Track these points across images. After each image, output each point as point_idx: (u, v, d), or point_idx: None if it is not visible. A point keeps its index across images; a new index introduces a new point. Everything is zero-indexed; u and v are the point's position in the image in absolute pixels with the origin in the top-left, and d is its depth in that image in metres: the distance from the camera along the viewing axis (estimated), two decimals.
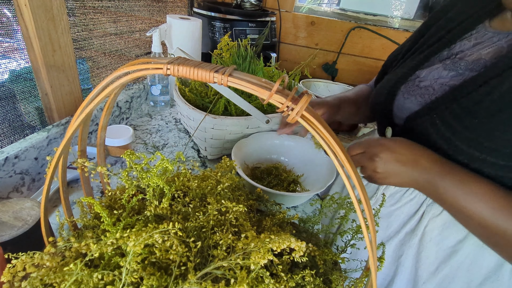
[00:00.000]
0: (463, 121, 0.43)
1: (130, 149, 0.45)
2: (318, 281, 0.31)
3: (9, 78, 0.58)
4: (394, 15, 1.39)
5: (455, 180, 0.42)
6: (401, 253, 0.58)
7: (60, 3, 0.57)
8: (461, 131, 0.43)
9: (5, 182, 0.52)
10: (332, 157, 0.22)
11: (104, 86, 0.26)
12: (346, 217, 0.42)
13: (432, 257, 0.54)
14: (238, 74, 0.22)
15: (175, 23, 0.92)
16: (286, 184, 0.66)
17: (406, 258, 0.57)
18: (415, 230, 0.55)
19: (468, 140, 0.42)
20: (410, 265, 0.57)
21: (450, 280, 0.53)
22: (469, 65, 0.47)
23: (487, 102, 0.41)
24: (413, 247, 0.56)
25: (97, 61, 0.80)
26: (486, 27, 0.48)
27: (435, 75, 0.51)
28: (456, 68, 0.48)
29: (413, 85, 0.53)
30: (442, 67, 0.50)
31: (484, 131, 0.41)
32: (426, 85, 0.51)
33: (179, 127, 0.88)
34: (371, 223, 0.24)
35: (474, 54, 0.47)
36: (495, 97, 0.40)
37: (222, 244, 0.28)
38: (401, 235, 0.57)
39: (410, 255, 0.56)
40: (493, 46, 0.45)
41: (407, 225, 0.56)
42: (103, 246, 0.25)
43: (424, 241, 0.54)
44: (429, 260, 0.54)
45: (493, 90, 0.40)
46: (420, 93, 0.51)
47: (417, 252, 0.56)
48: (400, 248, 0.58)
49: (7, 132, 0.59)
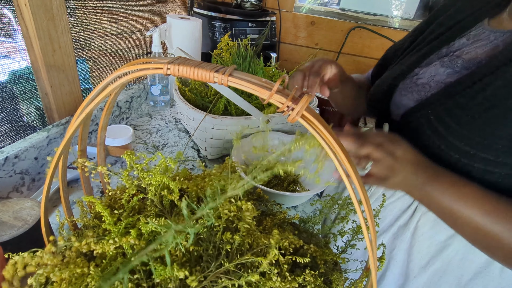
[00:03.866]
0: (456, 117, 0.43)
1: (130, 149, 0.45)
2: (319, 281, 0.31)
3: (10, 78, 0.58)
4: (394, 15, 1.39)
5: (446, 184, 0.42)
6: (394, 246, 0.58)
7: (60, 3, 0.57)
8: (454, 127, 0.43)
9: (5, 182, 0.52)
10: (332, 157, 0.22)
11: (104, 86, 0.26)
12: (346, 217, 0.42)
13: (424, 251, 0.55)
14: (238, 74, 0.22)
15: (175, 23, 0.92)
16: (286, 184, 0.66)
17: (398, 252, 0.58)
18: (407, 224, 0.56)
19: (461, 136, 0.43)
20: (402, 259, 0.58)
21: (441, 274, 0.53)
22: (465, 63, 0.47)
23: (480, 98, 0.41)
24: (405, 241, 0.57)
25: (97, 61, 0.80)
26: (485, 25, 0.48)
27: (432, 72, 0.51)
28: (453, 65, 0.49)
29: (411, 82, 0.54)
30: (439, 64, 0.51)
31: (476, 127, 0.41)
32: (423, 82, 0.52)
33: (179, 127, 0.88)
34: (371, 223, 0.24)
35: (471, 53, 0.47)
36: (488, 93, 0.40)
37: (235, 240, 0.28)
38: (394, 228, 0.58)
39: (402, 249, 0.57)
40: (489, 44, 0.46)
41: (400, 219, 0.57)
42: (122, 241, 0.25)
43: (416, 235, 0.55)
44: (420, 254, 0.55)
45: (487, 87, 0.41)
46: (417, 90, 0.52)
47: (409, 246, 0.56)
48: (393, 242, 0.59)
49: (9, 132, 0.59)
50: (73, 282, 0.25)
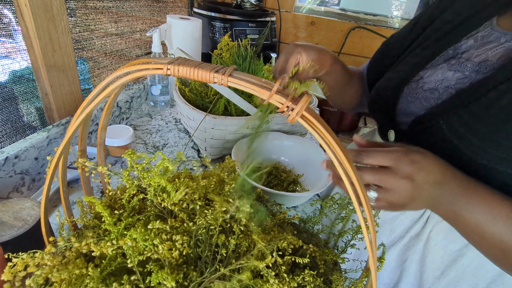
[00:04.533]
0: (471, 128, 0.40)
1: (130, 149, 0.45)
2: (319, 281, 0.31)
3: (10, 78, 0.58)
4: (394, 15, 1.39)
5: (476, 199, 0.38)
6: (406, 258, 0.57)
7: (60, 3, 0.57)
8: (469, 138, 0.40)
9: (5, 182, 0.52)
10: (332, 157, 0.22)
11: (104, 86, 0.26)
12: (346, 217, 0.42)
13: (438, 261, 0.53)
14: (238, 74, 0.22)
15: (175, 23, 0.92)
16: (286, 184, 0.66)
17: (411, 263, 0.56)
18: (420, 234, 0.54)
19: (476, 148, 0.40)
20: (415, 270, 0.56)
21: (455, 284, 0.52)
22: (475, 67, 0.44)
23: (495, 109, 0.38)
24: (417, 252, 0.55)
25: (97, 61, 0.80)
26: (493, 25, 0.45)
27: (439, 76, 0.48)
28: (462, 69, 0.45)
29: (417, 87, 0.51)
30: (447, 67, 0.48)
31: (493, 139, 0.39)
32: (431, 87, 0.48)
33: (179, 127, 0.88)
34: (371, 223, 0.24)
35: (481, 55, 0.44)
36: (504, 103, 0.38)
37: (230, 243, 0.28)
38: (406, 240, 0.56)
39: (415, 260, 0.55)
40: (501, 47, 0.43)
41: (411, 230, 0.55)
42: (120, 243, 0.25)
43: (429, 245, 0.53)
44: (434, 264, 0.53)
45: (502, 96, 0.38)
46: (424, 97, 0.49)
47: (422, 257, 0.55)
48: (405, 253, 0.57)
49: (9, 132, 0.59)
50: (73, 283, 0.25)
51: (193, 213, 0.33)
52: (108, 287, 0.25)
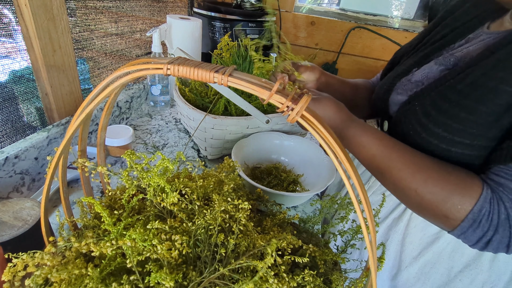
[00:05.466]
0: (438, 106, 0.45)
1: (130, 149, 0.45)
2: (319, 281, 0.31)
3: (10, 78, 0.58)
4: (394, 15, 1.39)
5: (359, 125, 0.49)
6: (388, 237, 0.60)
7: (60, 3, 0.57)
8: (435, 115, 0.45)
9: (5, 182, 0.52)
10: (332, 157, 0.22)
11: (104, 86, 0.26)
12: (346, 217, 0.42)
13: (416, 242, 0.56)
14: (238, 74, 0.22)
15: (175, 23, 0.92)
16: (286, 184, 0.66)
17: (392, 242, 0.60)
18: (401, 216, 0.58)
19: (440, 123, 0.45)
20: (395, 249, 0.59)
21: (432, 266, 0.55)
22: (457, 60, 0.49)
23: (460, 87, 0.43)
24: (398, 232, 0.59)
25: (97, 61, 0.80)
26: (484, 29, 0.50)
27: (426, 69, 0.53)
28: (446, 63, 0.50)
29: (406, 80, 0.56)
30: (433, 62, 0.53)
31: (454, 113, 0.43)
32: (417, 79, 0.54)
33: (179, 127, 0.88)
34: (371, 223, 0.24)
35: (464, 51, 0.49)
36: (468, 81, 0.42)
37: (229, 243, 0.28)
38: (389, 220, 0.60)
39: (396, 240, 0.59)
40: (481, 43, 0.47)
41: (395, 211, 0.59)
42: (120, 243, 0.25)
43: (410, 227, 0.57)
44: (412, 245, 0.57)
45: (467, 76, 0.43)
46: (411, 88, 0.54)
47: (402, 238, 0.58)
48: (387, 233, 0.60)
49: (9, 132, 0.59)
50: (73, 283, 0.25)
51: (192, 213, 0.33)
52: (107, 287, 0.25)
